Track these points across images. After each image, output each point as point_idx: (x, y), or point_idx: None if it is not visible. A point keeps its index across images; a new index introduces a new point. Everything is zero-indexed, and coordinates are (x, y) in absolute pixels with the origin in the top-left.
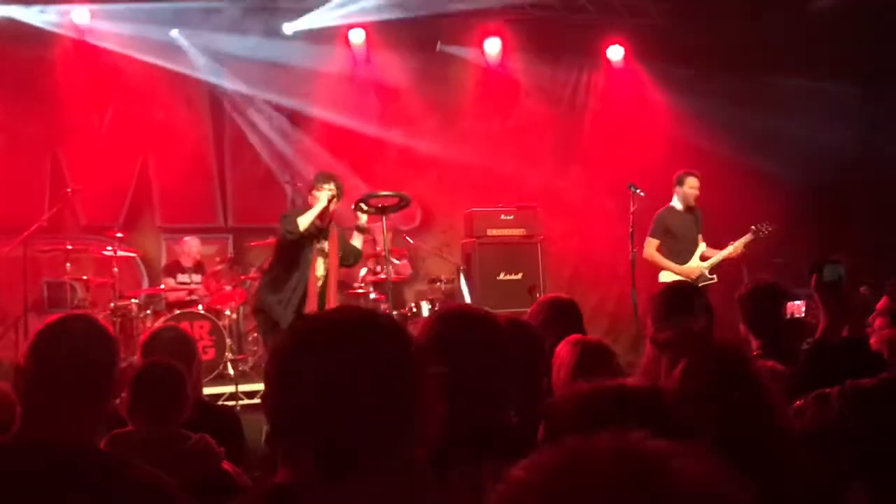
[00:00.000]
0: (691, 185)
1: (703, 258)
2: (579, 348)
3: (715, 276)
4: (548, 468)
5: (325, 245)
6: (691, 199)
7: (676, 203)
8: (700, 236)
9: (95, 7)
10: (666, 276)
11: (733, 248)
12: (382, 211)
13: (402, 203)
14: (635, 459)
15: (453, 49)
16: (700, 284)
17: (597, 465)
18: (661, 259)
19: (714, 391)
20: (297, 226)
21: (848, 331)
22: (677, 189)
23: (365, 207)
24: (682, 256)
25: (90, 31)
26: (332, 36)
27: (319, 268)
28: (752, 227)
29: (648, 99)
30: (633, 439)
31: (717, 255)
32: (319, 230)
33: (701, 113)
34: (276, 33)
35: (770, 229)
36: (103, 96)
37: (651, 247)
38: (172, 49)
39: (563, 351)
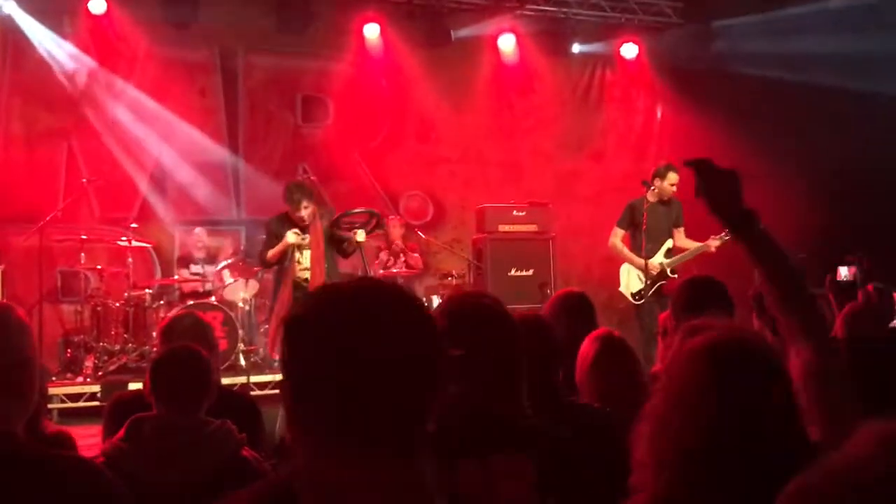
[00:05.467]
0: (672, 180)
1: (678, 251)
2: (599, 344)
3: (676, 274)
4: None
5: (306, 238)
6: (668, 193)
7: (650, 195)
8: (679, 230)
9: None
10: (625, 270)
11: (704, 246)
12: (362, 227)
13: (372, 219)
14: None
15: (466, 31)
16: (657, 282)
17: None
18: (622, 250)
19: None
20: (265, 262)
21: None
22: (656, 181)
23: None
24: (649, 249)
25: (106, 18)
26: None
27: (304, 260)
28: None
29: (661, 96)
30: None
31: (687, 253)
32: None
33: (714, 110)
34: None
35: None
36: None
37: (615, 236)
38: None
39: (586, 346)
